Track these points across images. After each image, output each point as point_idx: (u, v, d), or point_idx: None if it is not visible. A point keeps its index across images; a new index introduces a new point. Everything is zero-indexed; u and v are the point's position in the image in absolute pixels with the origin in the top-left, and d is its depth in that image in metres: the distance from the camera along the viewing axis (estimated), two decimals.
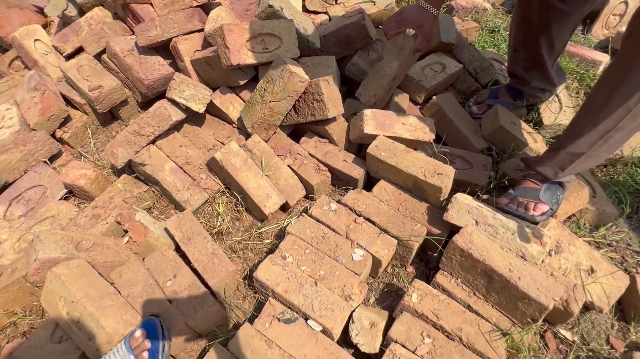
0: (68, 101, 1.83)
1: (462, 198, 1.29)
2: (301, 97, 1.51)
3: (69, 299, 1.08)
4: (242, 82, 1.59)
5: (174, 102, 1.54)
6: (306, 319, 1.15)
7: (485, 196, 1.48)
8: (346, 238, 1.32)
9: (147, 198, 1.51)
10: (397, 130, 1.50)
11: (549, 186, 1.33)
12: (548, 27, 1.41)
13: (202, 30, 1.77)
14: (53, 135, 1.74)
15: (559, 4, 1.33)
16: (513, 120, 1.71)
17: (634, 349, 1.24)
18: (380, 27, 2.01)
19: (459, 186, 1.56)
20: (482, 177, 1.52)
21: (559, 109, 1.82)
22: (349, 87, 1.99)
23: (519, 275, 1.10)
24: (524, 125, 1.74)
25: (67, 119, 1.79)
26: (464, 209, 1.27)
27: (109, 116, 1.92)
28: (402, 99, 1.73)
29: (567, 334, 1.26)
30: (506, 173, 1.57)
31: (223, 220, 1.49)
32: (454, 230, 1.31)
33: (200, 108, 1.53)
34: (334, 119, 1.56)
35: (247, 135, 1.59)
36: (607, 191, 1.59)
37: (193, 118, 1.69)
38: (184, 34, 1.74)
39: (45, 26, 2.19)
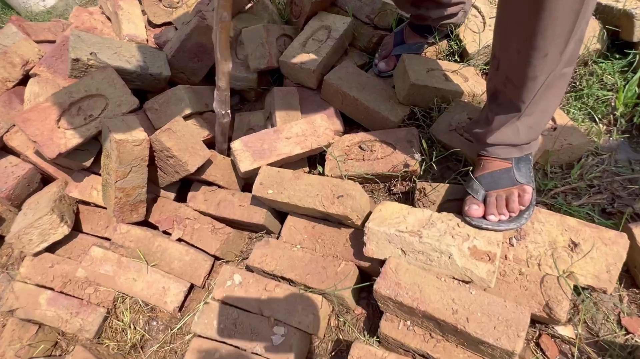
0: None
1: (376, 225, 0.96)
2: (156, 156, 1.19)
3: None
4: (88, 163, 1.27)
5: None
6: None
7: (424, 184, 1.13)
8: (261, 315, 1.05)
9: (41, 339, 1.26)
10: (281, 150, 1.16)
11: (519, 157, 0.97)
12: None
13: None
14: None
15: None
16: (429, 66, 1.34)
17: None
18: (245, 10, 1.63)
19: (386, 180, 1.24)
20: (410, 157, 1.19)
21: (483, 24, 1.42)
22: (241, 96, 1.65)
23: (466, 315, 0.80)
24: (445, 65, 1.37)
25: None
26: (383, 239, 0.95)
27: None
28: (290, 94, 1.38)
29: (567, 331, 0.97)
30: (440, 140, 1.23)
31: (135, 329, 1.24)
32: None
33: (62, 232, 1.24)
34: (209, 163, 1.24)
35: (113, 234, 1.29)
36: (570, 114, 1.23)
37: None
38: (13, 126, 1.42)
39: None
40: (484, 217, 0.91)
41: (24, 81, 1.48)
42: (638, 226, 0.97)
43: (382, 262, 0.97)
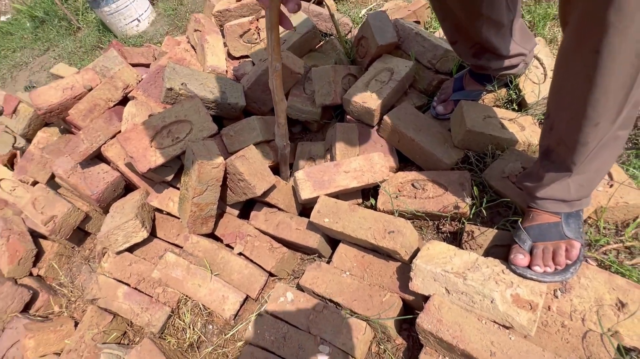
0: (39, 234, 1.84)
1: (424, 262, 1.04)
2: (228, 177, 1.34)
3: None
4: (169, 178, 1.46)
5: None
6: None
7: (473, 228, 1.19)
8: (308, 332, 1.14)
9: (115, 327, 1.44)
10: (340, 182, 1.27)
11: (569, 213, 1.00)
12: (476, 8, 1.10)
13: None
14: (31, 274, 1.76)
15: None
16: (487, 113, 1.40)
17: None
18: (315, 49, 1.78)
19: (435, 219, 1.31)
20: (461, 200, 1.25)
21: (544, 76, 1.46)
22: (303, 126, 1.80)
23: (503, 358, 0.85)
24: (503, 112, 1.42)
25: (40, 253, 1.79)
26: (429, 276, 1.02)
27: (81, 233, 1.90)
28: (349, 131, 1.49)
29: None
30: (492, 186, 1.28)
31: (193, 330, 1.38)
32: None
33: (142, 236, 1.43)
34: (273, 187, 1.37)
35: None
36: (629, 172, 1.23)
37: None
38: (110, 138, 1.66)
39: (12, 158, 2.24)
40: (529, 267, 0.96)
41: (122, 102, 1.72)
42: None
43: (426, 298, 1.03)
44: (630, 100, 0.76)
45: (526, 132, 1.38)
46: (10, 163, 2.17)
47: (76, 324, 1.52)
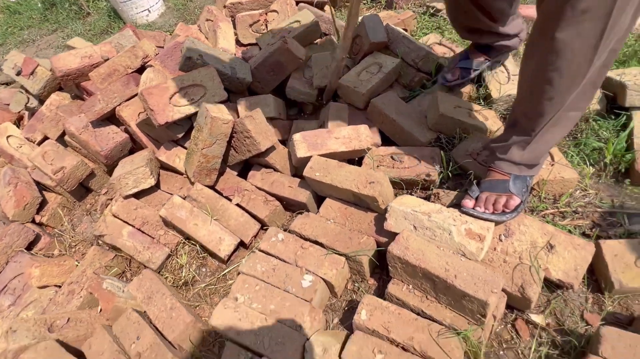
0: (43, 186, 1.97)
1: (397, 204, 1.26)
2: (234, 136, 1.54)
3: None
4: (179, 135, 1.65)
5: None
6: (260, 357, 1.17)
7: (439, 191, 1.43)
8: (295, 265, 1.33)
9: (115, 264, 1.58)
10: (330, 146, 1.49)
11: (517, 175, 1.24)
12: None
13: None
14: (33, 221, 1.87)
15: None
16: (457, 103, 1.66)
17: (611, 321, 1.15)
18: (315, 43, 2.03)
19: (410, 185, 1.53)
20: (432, 169, 1.48)
21: (507, 79, 1.74)
22: (299, 108, 2.02)
23: (455, 273, 1.06)
24: (471, 105, 1.68)
25: (44, 203, 1.91)
26: (401, 216, 1.24)
27: (83, 190, 2.03)
28: (341, 109, 1.72)
29: (538, 319, 1.20)
30: (457, 162, 1.52)
31: (189, 270, 1.54)
32: None
33: (149, 183, 1.61)
34: (272, 149, 1.58)
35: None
36: (568, 156, 1.50)
37: None
38: (125, 101, 1.83)
39: (20, 119, 2.37)
40: (473, 208, 1.19)
41: (139, 70, 1.91)
42: (606, 243, 1.21)
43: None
44: (582, 84, 1.01)
45: (489, 122, 1.64)
46: (16, 125, 2.30)
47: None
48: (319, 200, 1.58)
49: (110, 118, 1.95)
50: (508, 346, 1.18)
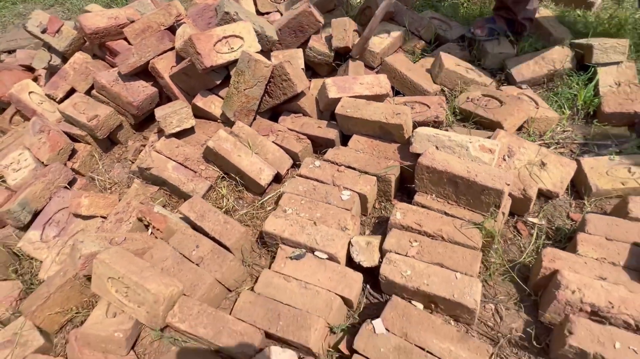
0: (70, 137, 2.06)
1: (422, 130, 1.52)
2: (270, 82, 1.74)
3: (116, 277, 1.29)
4: (218, 82, 1.82)
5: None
6: (313, 252, 1.37)
7: (447, 128, 1.70)
8: (333, 185, 1.55)
9: (159, 196, 1.73)
10: (356, 90, 1.73)
11: None
12: None
13: (173, 48, 2.01)
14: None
15: None
16: (457, 62, 1.96)
17: None
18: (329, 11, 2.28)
19: (422, 125, 1.80)
20: (439, 113, 1.76)
21: (497, 43, 2.06)
22: (313, 71, 2.24)
23: (475, 173, 1.33)
24: (468, 65, 1.98)
25: (74, 152, 2.01)
26: (425, 139, 1.49)
27: (109, 143, 2.14)
28: (358, 66, 1.97)
29: (535, 220, 1.48)
30: (460, 107, 1.81)
31: (228, 200, 1.71)
32: None
33: (191, 123, 1.77)
34: (303, 94, 1.79)
35: (231, 127, 1.82)
36: (549, 102, 1.83)
37: None
38: (158, 55, 1.98)
39: (34, 80, 2.43)
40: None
41: (170, 28, 2.07)
42: (585, 159, 1.53)
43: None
44: None
45: (482, 78, 1.95)
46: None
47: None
48: (345, 140, 1.81)
49: (139, 75, 2.08)
50: (512, 242, 1.46)
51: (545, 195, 1.52)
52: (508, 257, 1.41)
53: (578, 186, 1.54)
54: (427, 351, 1.13)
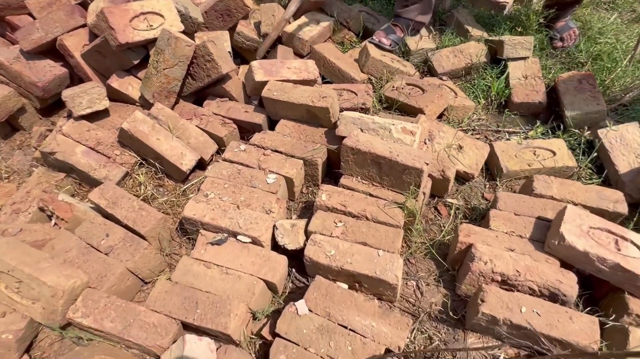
0: None
1: (347, 114, 1.52)
2: (193, 62, 1.66)
3: (5, 271, 1.13)
4: (135, 62, 1.70)
5: None
6: (235, 236, 1.31)
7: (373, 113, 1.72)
8: (259, 169, 1.50)
9: (66, 184, 1.56)
10: (284, 74, 1.70)
11: None
12: None
13: (85, 25, 1.84)
14: None
15: None
16: (383, 52, 2.01)
17: None
18: None
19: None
20: (366, 100, 1.78)
21: (419, 38, 2.14)
22: (242, 58, 2.18)
23: (397, 153, 1.35)
24: (393, 56, 2.04)
25: None
26: (350, 122, 1.50)
27: (9, 128, 1.91)
28: (287, 52, 1.95)
29: (454, 201, 1.55)
30: (386, 95, 1.85)
31: (146, 187, 1.59)
32: None
33: (104, 104, 1.62)
34: (229, 77, 1.73)
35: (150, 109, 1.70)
36: (466, 92, 1.94)
37: None
38: (68, 31, 1.80)
39: None
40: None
41: (82, 3, 1.89)
42: (496, 143, 1.63)
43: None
44: None
45: (407, 68, 2.01)
46: None
47: None
48: (272, 125, 1.77)
49: (45, 53, 1.88)
50: (432, 222, 1.51)
51: (462, 177, 1.60)
52: (429, 236, 1.45)
53: (491, 169, 1.64)
54: (350, 329, 1.12)
